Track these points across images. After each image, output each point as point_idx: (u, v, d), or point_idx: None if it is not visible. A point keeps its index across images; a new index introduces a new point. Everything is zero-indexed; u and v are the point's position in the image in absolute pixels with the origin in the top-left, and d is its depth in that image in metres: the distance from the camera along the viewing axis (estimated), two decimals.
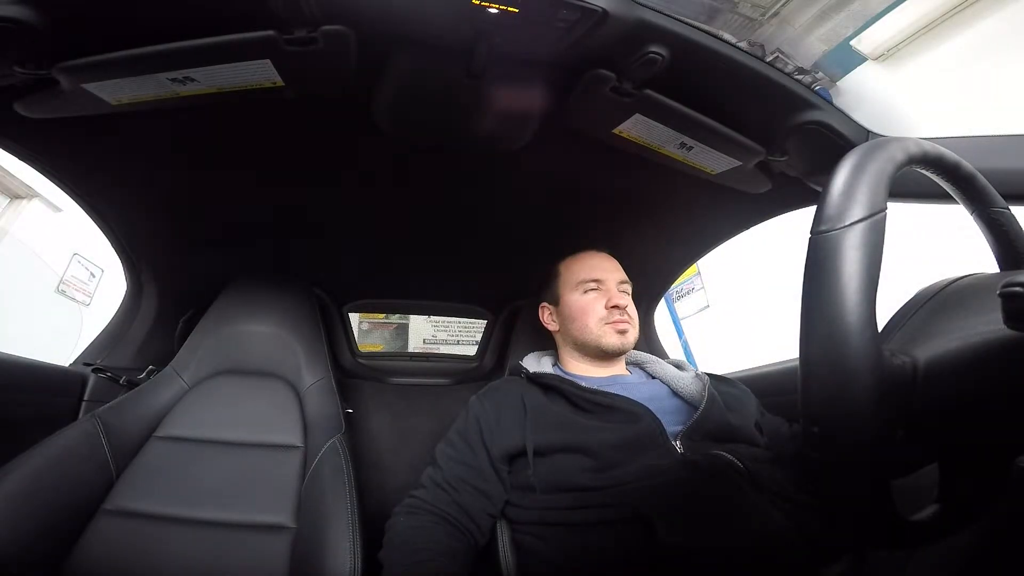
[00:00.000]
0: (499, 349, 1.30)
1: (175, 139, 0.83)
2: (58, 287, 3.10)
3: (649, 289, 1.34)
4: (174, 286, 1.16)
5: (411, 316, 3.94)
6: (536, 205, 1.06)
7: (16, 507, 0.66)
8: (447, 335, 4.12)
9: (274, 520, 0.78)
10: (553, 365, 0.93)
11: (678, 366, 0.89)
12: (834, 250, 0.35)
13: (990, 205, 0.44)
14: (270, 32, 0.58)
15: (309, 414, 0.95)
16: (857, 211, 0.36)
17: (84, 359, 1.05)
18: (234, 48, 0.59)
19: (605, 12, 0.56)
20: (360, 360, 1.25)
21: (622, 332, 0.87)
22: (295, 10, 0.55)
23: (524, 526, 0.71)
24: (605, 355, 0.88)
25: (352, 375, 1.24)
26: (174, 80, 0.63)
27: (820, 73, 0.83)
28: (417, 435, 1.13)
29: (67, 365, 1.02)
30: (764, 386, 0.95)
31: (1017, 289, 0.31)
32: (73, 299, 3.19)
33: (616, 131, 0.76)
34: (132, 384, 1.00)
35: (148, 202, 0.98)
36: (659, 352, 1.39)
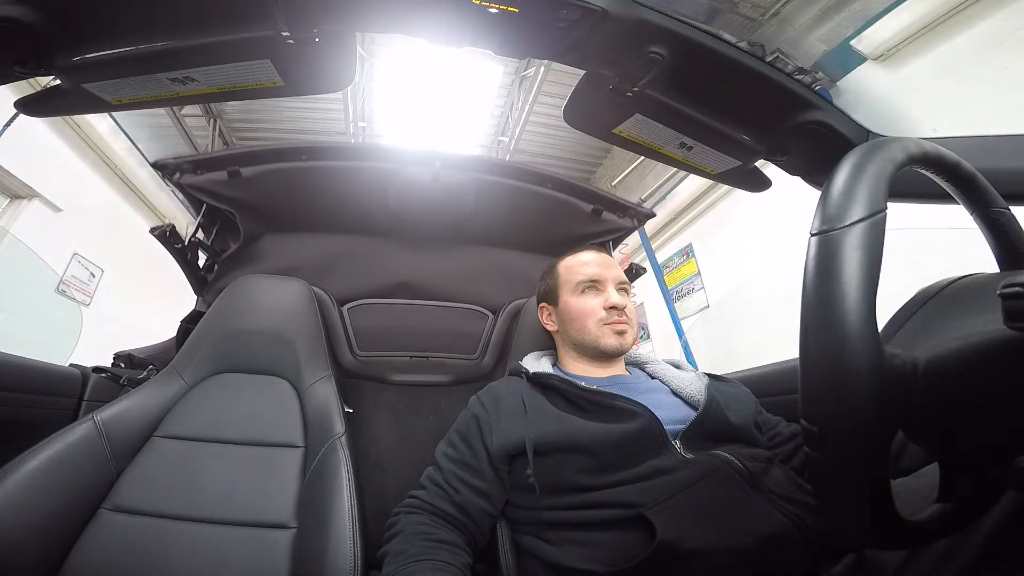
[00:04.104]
0: (499, 349, 1.29)
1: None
2: (58, 287, 3.10)
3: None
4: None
5: None
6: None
7: (16, 507, 0.66)
8: None
9: (275, 519, 0.78)
10: (553, 365, 0.93)
11: (677, 366, 0.89)
12: (834, 250, 0.35)
13: (990, 205, 0.45)
14: (270, 32, 0.58)
15: (310, 413, 0.95)
16: (857, 211, 0.36)
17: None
18: (234, 48, 0.60)
19: (605, 12, 0.56)
20: (360, 359, 1.25)
21: (620, 333, 0.86)
22: (295, 10, 0.55)
23: (524, 526, 0.71)
24: (604, 356, 0.88)
25: (352, 375, 1.24)
26: (174, 80, 0.63)
27: (820, 73, 0.82)
28: (417, 435, 1.12)
29: (67, 365, 1.02)
30: (764, 386, 0.95)
31: (1017, 289, 0.31)
32: (73, 299, 3.19)
33: (616, 131, 0.76)
34: (132, 384, 1.00)
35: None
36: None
